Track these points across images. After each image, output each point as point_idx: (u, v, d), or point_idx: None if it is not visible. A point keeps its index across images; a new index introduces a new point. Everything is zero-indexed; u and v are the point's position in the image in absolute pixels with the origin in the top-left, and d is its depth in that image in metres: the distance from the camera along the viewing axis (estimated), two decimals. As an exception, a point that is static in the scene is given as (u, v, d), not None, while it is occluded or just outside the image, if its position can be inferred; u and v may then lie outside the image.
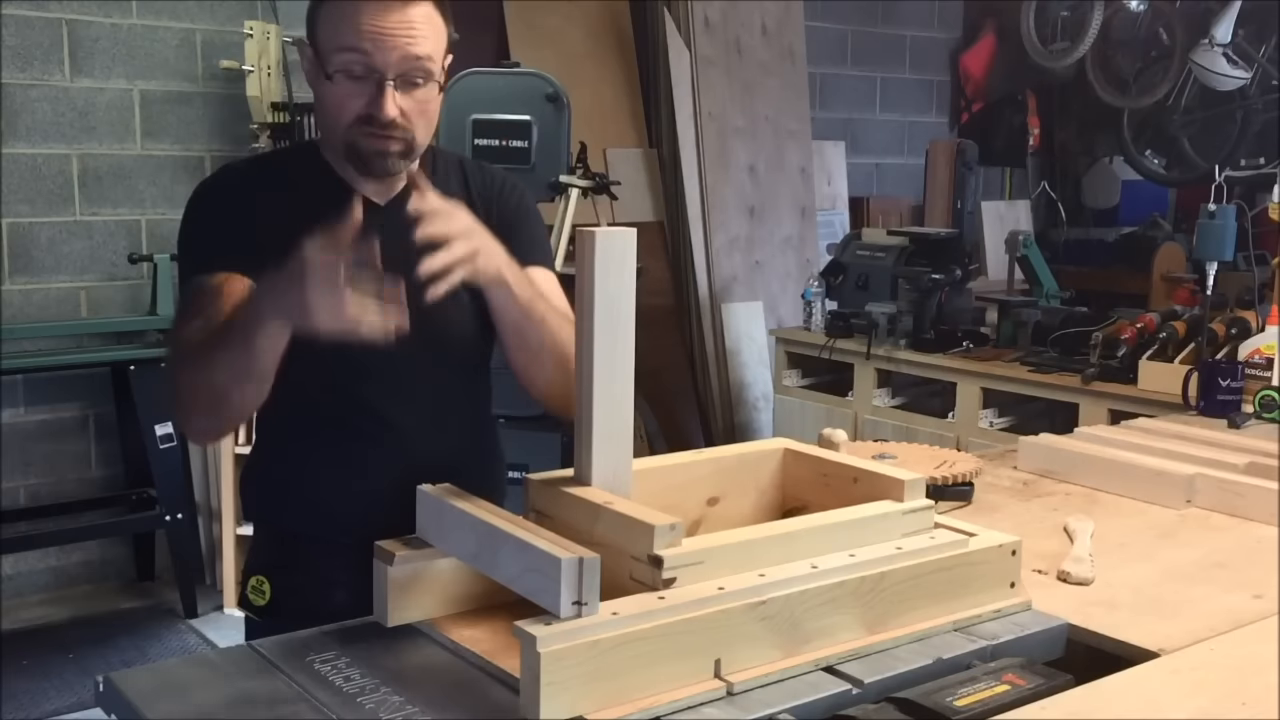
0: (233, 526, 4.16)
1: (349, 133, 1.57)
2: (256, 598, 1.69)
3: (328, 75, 1.55)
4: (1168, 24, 5.86)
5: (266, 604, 1.69)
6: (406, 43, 1.52)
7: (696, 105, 5.28)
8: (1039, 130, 6.73)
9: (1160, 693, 1.27)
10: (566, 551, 1.17)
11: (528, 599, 1.21)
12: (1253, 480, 1.98)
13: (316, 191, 1.63)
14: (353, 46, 1.52)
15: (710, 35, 5.36)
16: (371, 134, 1.56)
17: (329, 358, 1.52)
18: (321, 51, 1.56)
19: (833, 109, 6.29)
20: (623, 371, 1.36)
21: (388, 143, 1.56)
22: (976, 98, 6.84)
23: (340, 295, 1.33)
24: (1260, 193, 5.13)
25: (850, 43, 6.33)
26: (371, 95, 1.54)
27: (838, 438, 1.74)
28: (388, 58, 1.52)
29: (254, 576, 1.70)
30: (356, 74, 1.53)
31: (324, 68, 1.55)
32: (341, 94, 1.55)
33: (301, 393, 1.59)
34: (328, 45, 1.55)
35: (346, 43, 1.52)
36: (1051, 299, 4.44)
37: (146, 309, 4.26)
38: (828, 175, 6.13)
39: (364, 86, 1.54)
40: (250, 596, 1.70)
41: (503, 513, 1.30)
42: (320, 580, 1.62)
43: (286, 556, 1.69)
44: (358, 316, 1.34)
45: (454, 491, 1.40)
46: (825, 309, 4.51)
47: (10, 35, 4.06)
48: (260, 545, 1.75)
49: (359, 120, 1.55)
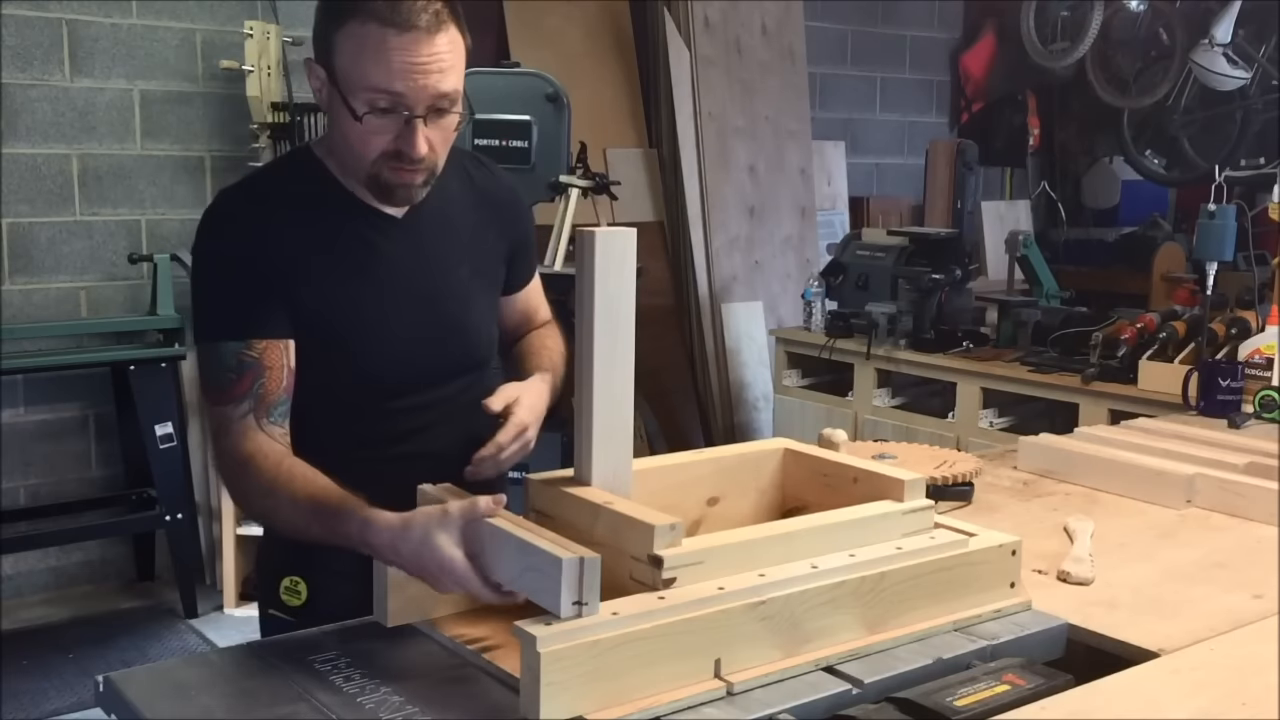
0: (233, 526, 4.16)
1: (374, 166, 1.52)
2: (291, 598, 1.65)
3: (355, 115, 1.47)
4: (1168, 24, 5.86)
5: (303, 604, 1.65)
6: (437, 79, 1.46)
7: (696, 105, 5.28)
8: (1039, 130, 6.73)
9: (1160, 693, 1.27)
10: (567, 551, 1.17)
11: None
12: (1253, 480, 1.98)
13: (328, 209, 1.58)
14: (383, 87, 1.45)
15: (710, 35, 5.36)
16: (399, 169, 1.51)
17: (363, 377, 1.59)
18: (343, 83, 1.47)
19: (833, 109, 6.29)
20: (623, 371, 1.37)
21: (414, 175, 1.53)
22: (976, 98, 6.84)
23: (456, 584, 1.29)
24: (1260, 193, 5.13)
25: (850, 43, 6.33)
26: (400, 131, 1.48)
27: (838, 438, 1.74)
28: (418, 96, 1.46)
29: (287, 577, 1.65)
30: (383, 108, 1.46)
31: (348, 102, 1.47)
32: (369, 131, 1.48)
33: (330, 407, 1.58)
34: (352, 80, 1.46)
35: (376, 81, 1.44)
36: (1051, 299, 4.44)
37: (146, 309, 4.25)
38: (828, 175, 6.13)
39: (392, 122, 1.47)
40: (284, 597, 1.66)
41: (503, 512, 1.29)
42: (358, 580, 1.48)
43: (320, 556, 1.60)
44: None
45: (454, 491, 1.40)
46: (825, 309, 4.51)
47: (10, 35, 4.06)
48: (283, 545, 1.66)
49: (385, 155, 1.50)
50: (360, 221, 1.59)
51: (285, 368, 1.53)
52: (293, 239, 1.54)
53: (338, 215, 1.58)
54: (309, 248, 1.55)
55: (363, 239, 1.58)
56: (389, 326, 1.59)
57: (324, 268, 1.55)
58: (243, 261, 1.52)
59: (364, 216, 1.59)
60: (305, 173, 1.61)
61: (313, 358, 1.56)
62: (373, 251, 1.59)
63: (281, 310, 1.52)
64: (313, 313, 1.54)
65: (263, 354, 1.51)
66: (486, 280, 1.73)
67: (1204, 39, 5.57)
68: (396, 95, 1.45)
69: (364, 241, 1.58)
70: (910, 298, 4.17)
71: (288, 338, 1.53)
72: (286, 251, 1.53)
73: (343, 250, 1.57)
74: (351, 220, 1.59)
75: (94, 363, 4.20)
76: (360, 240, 1.58)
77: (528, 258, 1.83)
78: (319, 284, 1.54)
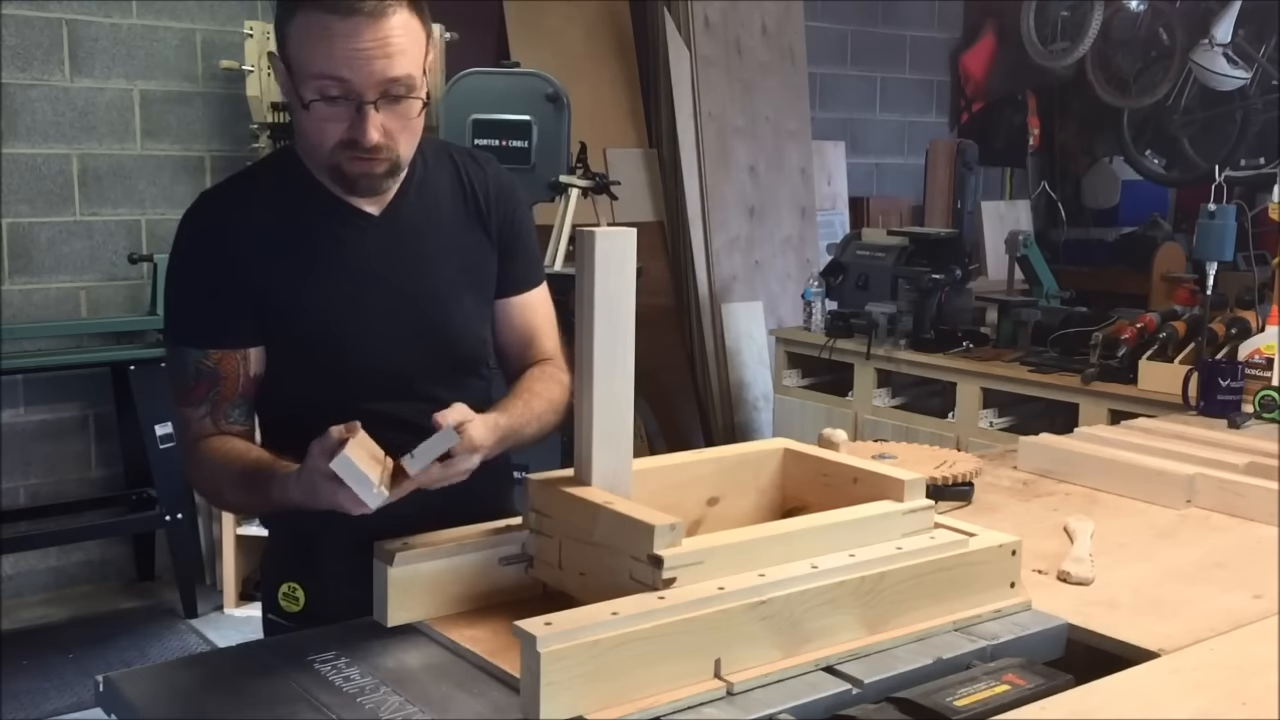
0: (232, 526, 4.16)
1: (332, 156, 1.50)
2: (289, 604, 1.64)
3: (304, 103, 1.46)
4: (1168, 24, 5.86)
5: (300, 610, 1.64)
6: (384, 65, 1.44)
7: (696, 105, 5.28)
8: (1039, 130, 6.73)
9: (1160, 693, 1.27)
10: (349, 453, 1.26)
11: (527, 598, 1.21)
12: (1253, 480, 1.98)
13: (306, 210, 1.57)
14: (327, 73, 1.44)
15: (710, 35, 5.36)
16: (355, 158, 1.49)
17: (344, 378, 1.57)
18: (295, 73, 1.48)
19: (833, 109, 6.29)
20: (623, 371, 1.37)
21: (372, 164, 1.51)
22: (976, 98, 6.84)
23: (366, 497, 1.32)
24: (1260, 193, 5.13)
25: (850, 43, 6.33)
26: (352, 119, 1.46)
27: (838, 438, 1.74)
28: (365, 81, 1.44)
29: (285, 583, 1.65)
30: (334, 96, 1.45)
31: (298, 91, 1.47)
32: (320, 119, 1.47)
33: (316, 409, 1.51)
34: (301, 68, 1.46)
35: (321, 69, 1.44)
36: (1051, 299, 4.44)
37: (146, 309, 4.25)
38: (828, 175, 6.13)
39: (343, 109, 1.46)
40: (282, 604, 1.65)
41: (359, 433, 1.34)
42: (357, 585, 1.47)
43: (319, 562, 1.63)
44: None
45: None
46: (825, 309, 4.51)
47: (10, 35, 4.06)
48: (284, 550, 1.70)
49: (341, 144, 1.49)
50: (335, 220, 1.58)
51: (241, 376, 1.56)
52: (265, 241, 1.54)
53: (313, 214, 1.57)
54: (280, 248, 1.55)
55: (335, 237, 1.57)
56: (365, 325, 1.57)
57: (294, 268, 1.55)
58: (209, 269, 1.54)
59: (339, 215, 1.58)
60: (286, 172, 1.60)
61: (291, 359, 1.57)
62: (345, 250, 1.57)
63: (244, 318, 1.54)
64: (284, 314, 1.55)
65: (218, 363, 1.55)
66: (475, 279, 1.68)
67: (1204, 39, 5.57)
68: (343, 81, 1.44)
69: (336, 240, 1.57)
70: (910, 298, 4.17)
71: (247, 346, 1.56)
72: (258, 254, 1.53)
73: (314, 249, 1.56)
74: (326, 219, 1.57)
75: (94, 363, 4.20)
76: (333, 239, 1.57)
77: (521, 255, 1.73)
78: (289, 285, 1.54)
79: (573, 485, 1.37)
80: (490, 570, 1.43)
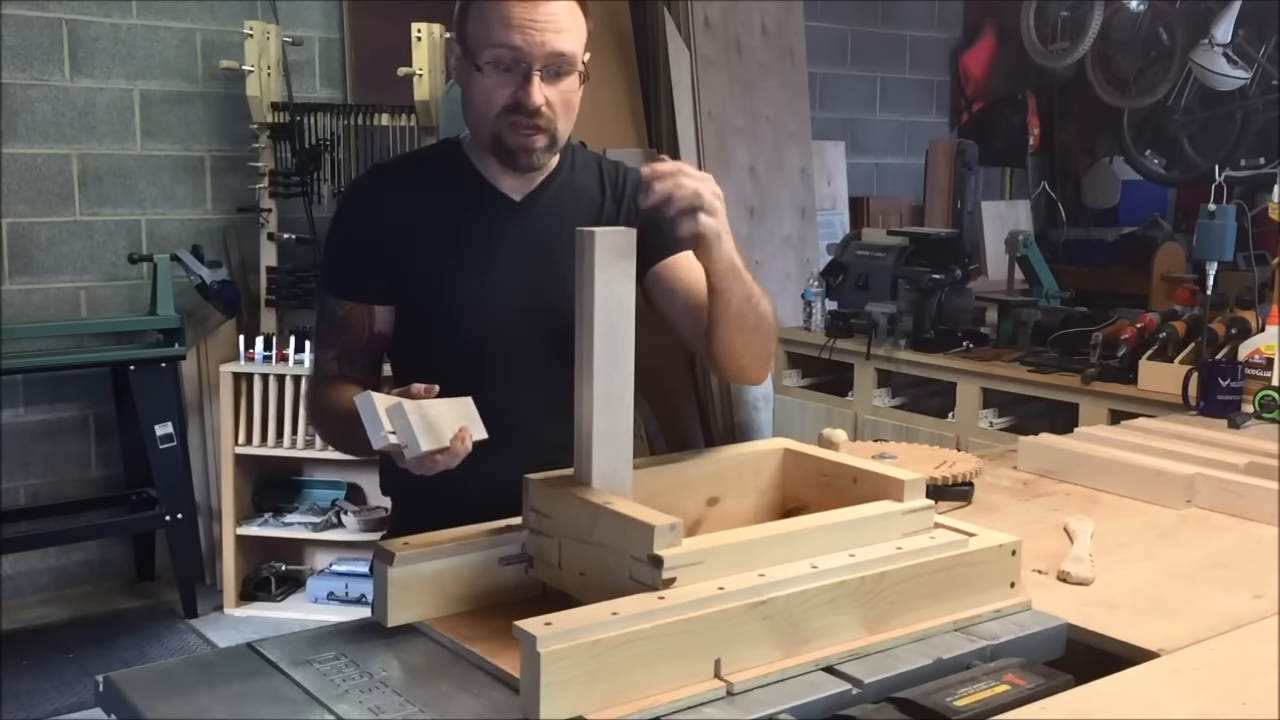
0: (233, 526, 4.16)
1: (496, 123, 1.65)
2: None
3: (478, 67, 1.63)
4: (1168, 24, 5.86)
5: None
6: (553, 35, 1.61)
7: (696, 105, 5.28)
8: (1039, 130, 6.72)
9: (1160, 693, 1.27)
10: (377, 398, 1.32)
11: (527, 598, 1.21)
12: (1253, 480, 1.99)
13: (455, 189, 1.73)
14: (502, 42, 1.61)
15: (710, 35, 5.36)
16: (518, 124, 1.64)
17: (463, 352, 1.69)
18: (470, 46, 1.66)
19: (833, 109, 6.29)
20: (623, 371, 1.37)
21: (533, 136, 1.65)
22: (976, 98, 6.84)
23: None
24: (1260, 193, 5.12)
25: (850, 43, 6.33)
26: (519, 84, 1.62)
27: (838, 438, 1.74)
28: (534, 49, 1.61)
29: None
30: (505, 65, 1.62)
31: (474, 60, 1.64)
32: (490, 85, 1.64)
33: (434, 376, 1.50)
34: (477, 40, 1.64)
35: (496, 37, 1.61)
36: (1051, 299, 4.43)
37: (146, 309, 4.24)
38: (828, 175, 6.13)
39: (512, 77, 1.63)
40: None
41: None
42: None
43: (422, 526, 1.53)
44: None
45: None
46: (825, 309, 4.50)
47: (10, 35, 4.06)
48: (401, 512, 1.86)
49: (506, 109, 1.63)
50: (478, 202, 1.73)
51: (365, 330, 1.73)
52: (412, 213, 1.71)
53: (460, 195, 1.73)
54: (424, 223, 1.71)
55: (476, 218, 1.73)
56: (486, 301, 1.70)
57: (434, 243, 1.71)
58: (357, 229, 1.74)
59: (483, 197, 1.73)
60: (444, 157, 1.78)
61: (417, 323, 1.73)
62: (483, 231, 1.72)
63: (379, 278, 1.71)
64: (417, 281, 1.71)
65: (347, 314, 1.73)
66: None
67: (1204, 39, 5.57)
68: (515, 49, 1.60)
69: (476, 220, 1.72)
70: (910, 298, 4.17)
71: (377, 303, 1.72)
72: (403, 223, 1.71)
73: (456, 229, 1.72)
74: (472, 201, 1.74)
75: (94, 363, 4.20)
76: (474, 219, 1.72)
77: (667, 224, 1.60)
78: (426, 258, 1.70)
79: (573, 485, 1.37)
80: (490, 570, 1.43)
